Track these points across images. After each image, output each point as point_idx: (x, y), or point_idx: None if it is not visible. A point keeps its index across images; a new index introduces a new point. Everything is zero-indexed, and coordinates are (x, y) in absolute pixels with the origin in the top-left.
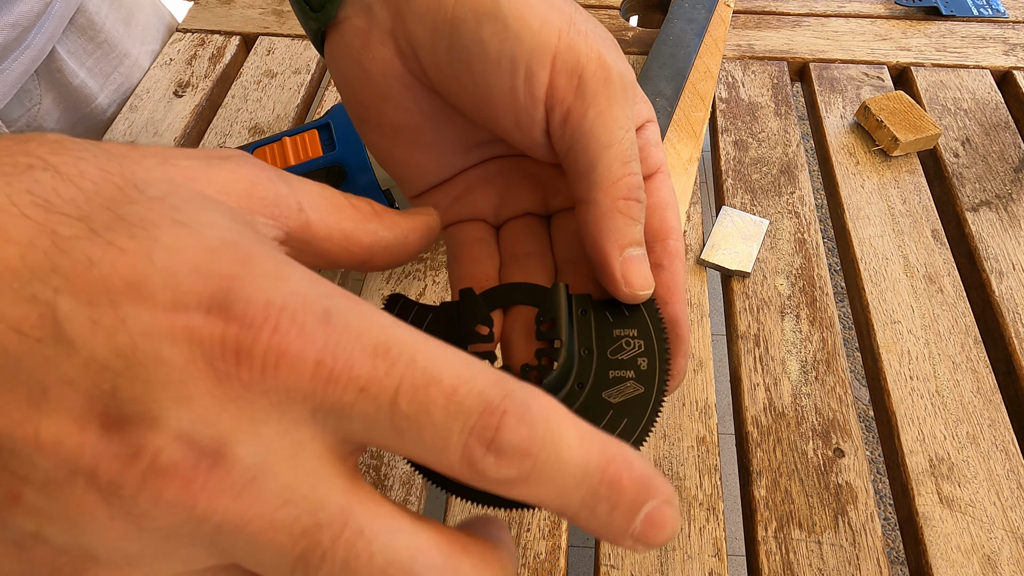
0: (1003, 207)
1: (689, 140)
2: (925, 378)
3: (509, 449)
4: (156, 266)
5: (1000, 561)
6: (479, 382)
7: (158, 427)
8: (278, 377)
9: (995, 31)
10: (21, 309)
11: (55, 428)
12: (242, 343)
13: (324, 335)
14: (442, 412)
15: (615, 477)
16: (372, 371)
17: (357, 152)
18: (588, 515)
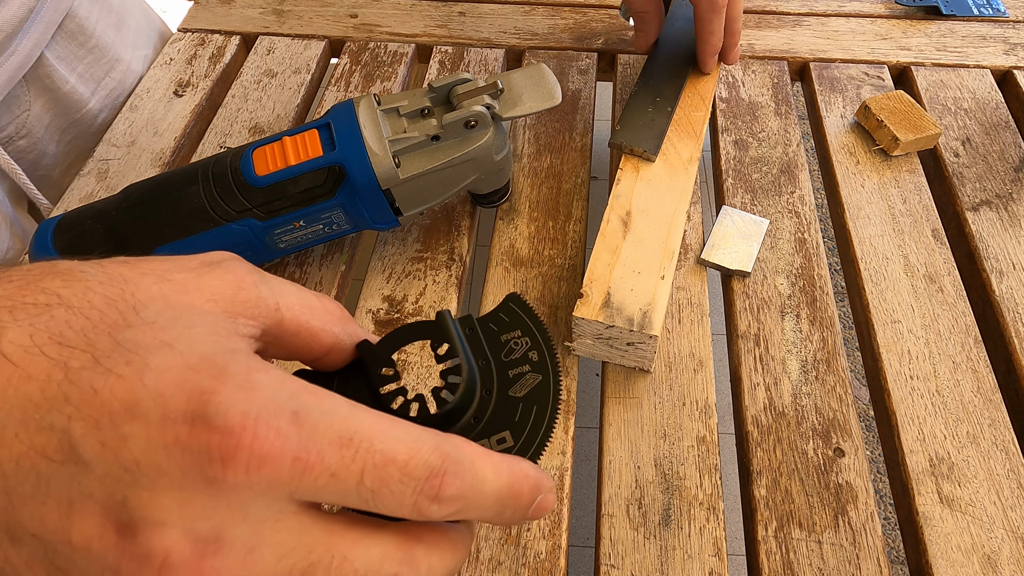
0: (1003, 207)
1: (689, 140)
2: (925, 378)
3: (448, 498)
4: (147, 388)
5: (1000, 561)
6: (423, 453)
7: (164, 529)
8: (261, 474)
9: (995, 31)
10: (44, 437)
11: (82, 533)
12: (226, 450)
13: (296, 435)
14: (398, 483)
15: (518, 492)
16: (340, 460)
17: (357, 152)
18: (498, 518)
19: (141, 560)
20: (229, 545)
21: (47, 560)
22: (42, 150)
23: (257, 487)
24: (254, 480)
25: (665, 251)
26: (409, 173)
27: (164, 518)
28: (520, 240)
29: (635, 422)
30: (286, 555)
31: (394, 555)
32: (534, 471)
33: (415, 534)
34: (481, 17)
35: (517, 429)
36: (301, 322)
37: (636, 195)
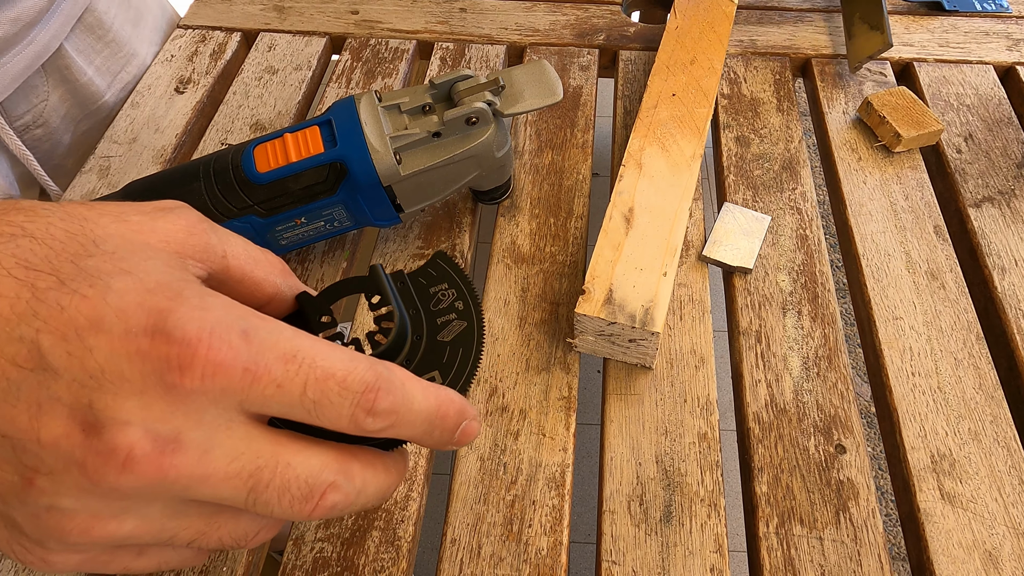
0: (1006, 203)
1: (692, 136)
2: (927, 374)
3: (382, 412)
4: (110, 306)
5: (1001, 557)
6: (359, 370)
7: (128, 427)
8: (215, 382)
9: (998, 26)
10: (14, 347)
11: (50, 432)
12: (183, 359)
13: (246, 349)
14: (337, 395)
15: (444, 413)
16: (285, 372)
17: (359, 148)
18: (427, 438)
19: (106, 455)
20: (186, 446)
21: (15, 459)
22: (57, 140)
23: (211, 394)
24: (208, 387)
25: (667, 248)
26: (410, 170)
27: (127, 418)
28: (521, 237)
29: (636, 419)
30: (236, 458)
31: (332, 465)
32: (459, 399)
33: (352, 451)
34: (482, 13)
35: (445, 369)
36: (246, 271)
37: (639, 192)
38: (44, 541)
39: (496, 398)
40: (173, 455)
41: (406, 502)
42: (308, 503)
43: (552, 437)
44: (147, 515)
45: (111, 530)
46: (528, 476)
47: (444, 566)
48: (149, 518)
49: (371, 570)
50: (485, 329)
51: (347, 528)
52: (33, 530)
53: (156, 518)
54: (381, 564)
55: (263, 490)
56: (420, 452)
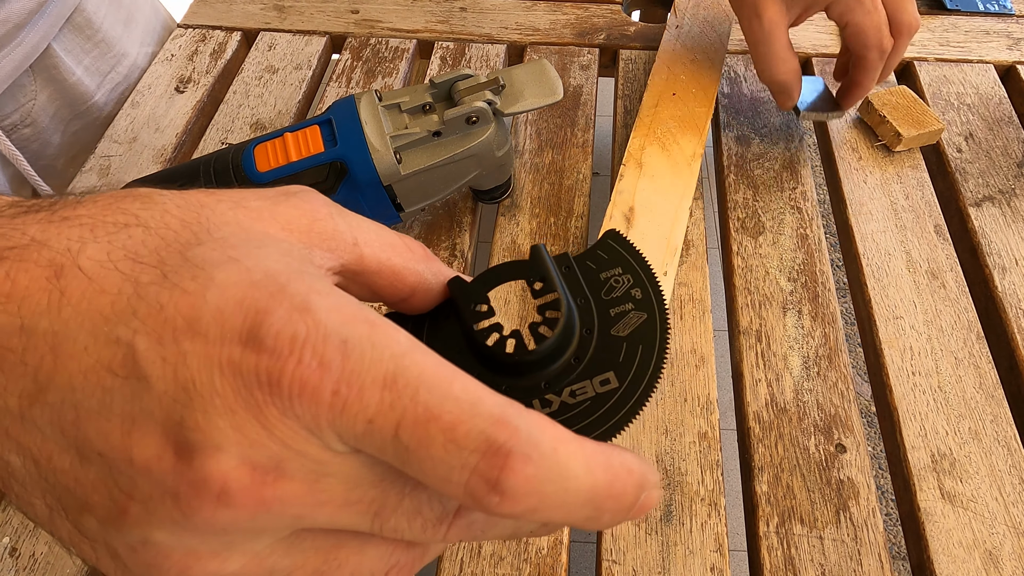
0: (1006, 202)
1: (693, 136)
2: (927, 374)
3: (514, 490)
4: (208, 304)
5: (1002, 556)
6: (480, 420)
7: (220, 454)
8: (303, 405)
9: (999, 25)
10: (111, 350)
11: (143, 453)
12: (272, 374)
13: (340, 366)
14: (441, 449)
15: (620, 491)
16: (379, 403)
17: (359, 148)
18: (592, 523)
19: (199, 486)
20: (292, 474)
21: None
22: (46, 140)
23: (302, 419)
24: (297, 410)
25: (668, 247)
26: (410, 169)
27: (220, 443)
28: (522, 236)
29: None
30: (355, 487)
31: None
32: (638, 464)
33: None
34: (482, 13)
35: (622, 369)
36: (382, 259)
37: (639, 191)
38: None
39: None
40: (275, 486)
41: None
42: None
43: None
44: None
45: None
46: None
47: (444, 565)
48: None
49: None
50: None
51: None
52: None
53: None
54: None
55: (391, 514)
56: None
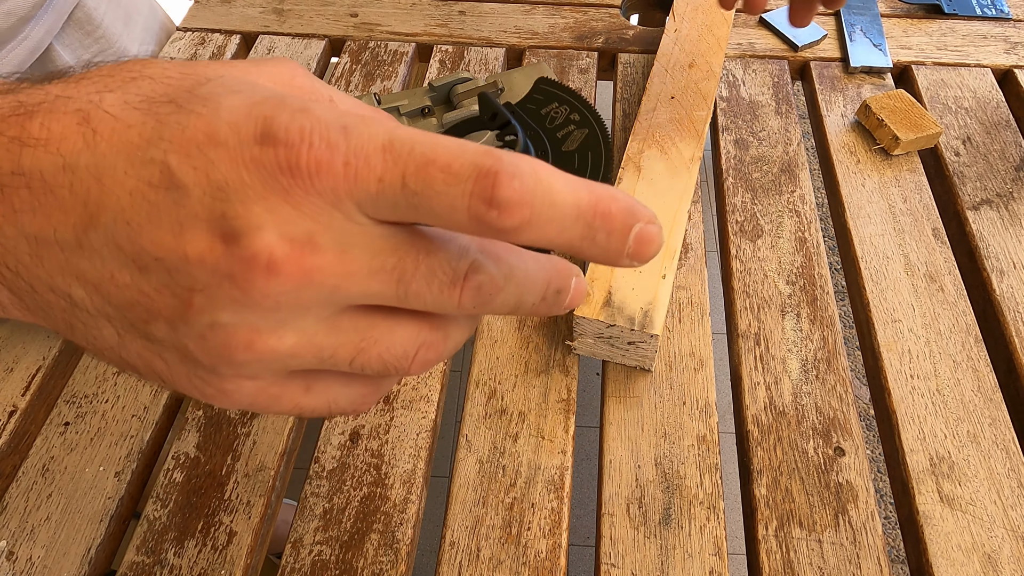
0: (1004, 205)
1: (691, 139)
2: (926, 377)
3: (508, 201)
4: (223, 120)
5: (1000, 560)
6: (468, 156)
7: (262, 232)
8: (322, 181)
9: (996, 29)
10: (147, 169)
11: (195, 248)
12: (290, 161)
13: (345, 144)
14: (443, 183)
15: (605, 210)
16: (383, 162)
17: None
18: (589, 244)
19: (249, 261)
20: (324, 246)
21: (172, 281)
22: None
23: (324, 194)
24: (318, 187)
25: (666, 251)
26: None
27: (260, 224)
28: None
29: (636, 421)
30: (376, 254)
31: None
32: (625, 196)
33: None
34: (481, 16)
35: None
36: None
37: (638, 194)
38: (216, 366)
39: (495, 400)
40: (313, 255)
41: (405, 504)
42: (455, 287)
43: (551, 440)
44: (303, 329)
45: (272, 344)
46: (527, 479)
47: (443, 569)
48: (305, 332)
49: (370, 573)
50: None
51: (346, 531)
52: (204, 355)
53: (312, 332)
54: (380, 567)
55: (411, 279)
56: (419, 456)
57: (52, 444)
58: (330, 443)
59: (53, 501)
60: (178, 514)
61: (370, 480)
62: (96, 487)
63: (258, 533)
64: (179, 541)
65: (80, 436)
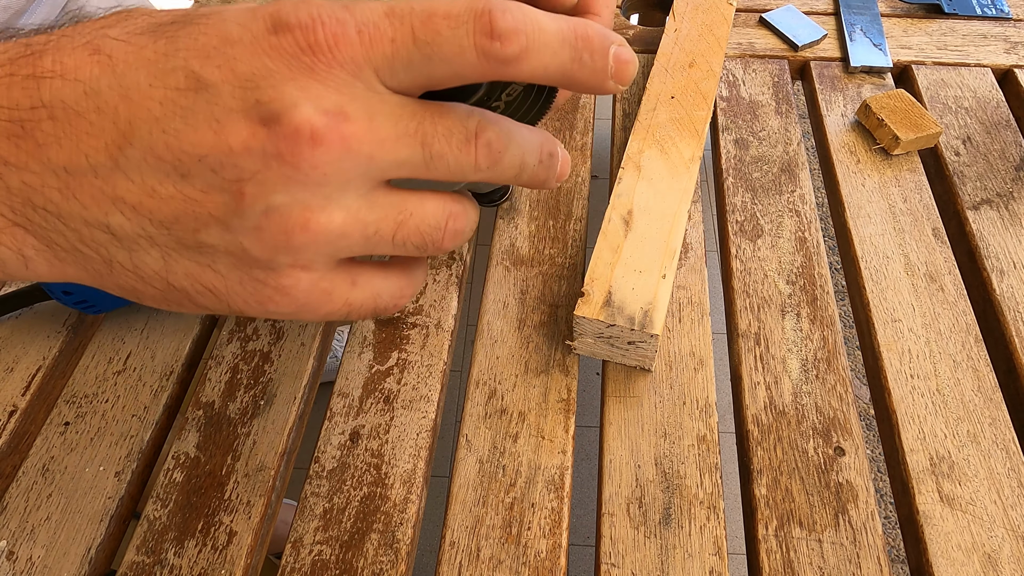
0: (1004, 205)
1: (691, 139)
2: (926, 376)
3: (506, 31)
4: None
5: (1001, 560)
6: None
7: (299, 107)
8: (342, 52)
9: (996, 29)
10: (172, 77)
11: (238, 138)
12: (309, 40)
13: (352, 17)
14: (448, 28)
15: (584, 34)
16: (391, 25)
17: None
18: (579, 67)
19: (294, 136)
20: (353, 116)
21: (219, 178)
22: None
23: (346, 65)
24: (340, 58)
25: (666, 250)
26: None
27: (294, 101)
28: (520, 239)
29: (636, 421)
30: (399, 119)
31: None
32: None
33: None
34: None
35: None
36: None
37: (638, 194)
38: (273, 258)
39: (495, 400)
40: (347, 124)
41: (405, 504)
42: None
43: (551, 439)
44: (347, 206)
45: (324, 223)
46: (527, 479)
47: (443, 569)
48: (350, 209)
49: (370, 573)
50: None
51: (346, 531)
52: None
53: (355, 208)
54: (380, 567)
55: (432, 140)
56: (419, 456)
57: (52, 444)
58: (330, 443)
59: (53, 501)
60: (178, 514)
61: (370, 480)
62: (96, 487)
63: (258, 533)
64: (179, 541)
65: (80, 436)
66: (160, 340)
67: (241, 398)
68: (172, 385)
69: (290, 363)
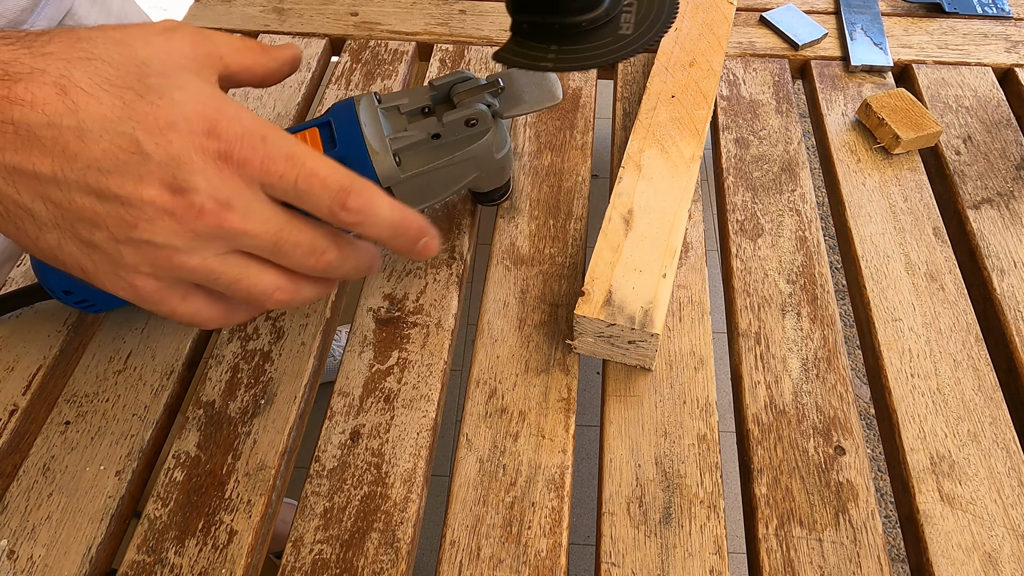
0: (1004, 204)
1: (692, 138)
2: (926, 376)
3: (353, 208)
4: (178, 113)
5: (1001, 559)
6: (338, 176)
7: (199, 192)
8: (244, 168)
9: (997, 28)
10: (120, 139)
11: (150, 194)
12: (226, 151)
13: (263, 148)
14: (319, 188)
15: (407, 226)
16: (285, 166)
17: (358, 150)
18: (394, 243)
19: (188, 207)
20: (235, 208)
21: (124, 211)
22: None
23: (244, 177)
24: (242, 172)
25: (667, 249)
26: (410, 171)
27: (198, 187)
28: (521, 238)
29: (636, 420)
30: (266, 221)
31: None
32: (422, 221)
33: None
34: (482, 15)
35: None
36: (239, 62)
37: (638, 193)
38: (138, 266)
39: (495, 400)
40: (228, 212)
41: (405, 504)
42: (312, 256)
43: (551, 439)
44: (205, 255)
45: (182, 261)
46: (527, 478)
47: (443, 568)
48: (205, 258)
49: (370, 572)
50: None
51: (346, 530)
52: (132, 258)
53: (209, 259)
54: (380, 566)
55: (283, 244)
56: (420, 455)
57: (53, 443)
58: (331, 442)
59: (54, 500)
60: (179, 513)
61: (370, 479)
62: (97, 486)
63: (259, 532)
64: (180, 540)
65: (81, 435)
66: (161, 339)
67: (242, 397)
68: (173, 384)
69: (290, 362)
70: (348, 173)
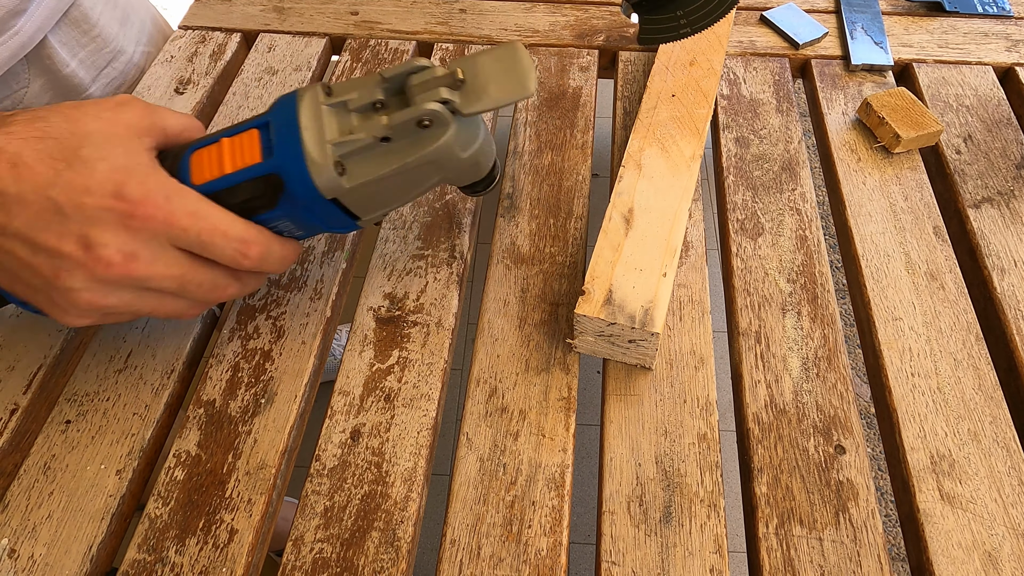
0: (1005, 204)
1: (692, 137)
2: (926, 375)
3: (251, 257)
4: (94, 180)
5: (1001, 558)
6: (238, 229)
7: (108, 247)
8: (149, 224)
9: (997, 27)
10: (47, 202)
11: (67, 248)
12: (132, 211)
13: (167, 207)
14: (222, 241)
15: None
16: (189, 221)
17: (295, 160)
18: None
19: (96, 260)
20: (141, 258)
21: (53, 262)
22: None
23: (149, 232)
24: (147, 227)
25: (667, 248)
26: (356, 181)
27: (107, 242)
28: (521, 237)
29: (636, 419)
30: (170, 267)
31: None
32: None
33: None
34: (482, 14)
35: None
36: (177, 132)
37: (638, 192)
38: (67, 309)
39: (495, 399)
40: (133, 262)
41: (406, 503)
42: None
43: (552, 438)
44: (121, 295)
45: (101, 301)
46: (528, 477)
47: (444, 567)
48: (123, 297)
49: (371, 571)
50: None
51: (347, 529)
52: (62, 302)
53: (126, 298)
54: (381, 564)
55: (187, 284)
56: (420, 454)
57: (53, 442)
58: (331, 441)
59: (54, 499)
60: (179, 512)
61: (371, 478)
62: (97, 485)
63: (259, 531)
64: (180, 539)
65: (81, 434)
66: (161, 338)
67: (242, 396)
68: (173, 383)
69: (291, 361)
70: (247, 225)
